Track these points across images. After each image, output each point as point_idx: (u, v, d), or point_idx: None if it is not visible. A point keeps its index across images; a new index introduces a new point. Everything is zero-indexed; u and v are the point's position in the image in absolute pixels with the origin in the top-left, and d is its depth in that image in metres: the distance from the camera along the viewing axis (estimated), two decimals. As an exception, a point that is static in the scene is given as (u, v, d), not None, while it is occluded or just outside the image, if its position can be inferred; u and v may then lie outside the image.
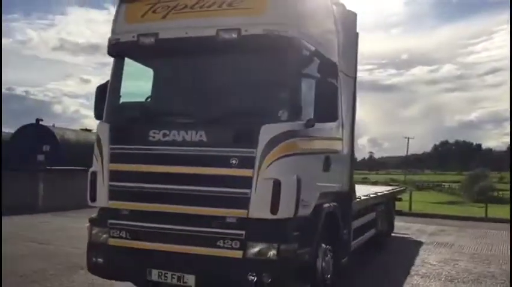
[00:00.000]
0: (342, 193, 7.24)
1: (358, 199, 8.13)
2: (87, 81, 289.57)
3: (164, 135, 5.53)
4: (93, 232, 5.91)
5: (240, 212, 5.26)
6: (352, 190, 7.71)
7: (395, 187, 14.80)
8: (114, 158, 5.77)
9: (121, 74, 6.14)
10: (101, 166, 5.82)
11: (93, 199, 5.87)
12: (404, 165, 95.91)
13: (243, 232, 5.25)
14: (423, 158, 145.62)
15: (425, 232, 14.93)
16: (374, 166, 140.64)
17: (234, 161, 5.29)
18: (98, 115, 6.16)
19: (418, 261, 9.95)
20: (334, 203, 6.62)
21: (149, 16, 5.87)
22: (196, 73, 5.92)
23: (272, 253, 5.22)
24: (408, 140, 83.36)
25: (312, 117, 5.56)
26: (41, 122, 19.66)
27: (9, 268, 7.75)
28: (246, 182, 5.22)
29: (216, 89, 5.86)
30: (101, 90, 6.23)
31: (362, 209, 8.68)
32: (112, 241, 5.75)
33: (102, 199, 5.81)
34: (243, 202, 5.24)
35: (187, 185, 5.45)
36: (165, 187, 5.53)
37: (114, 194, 5.76)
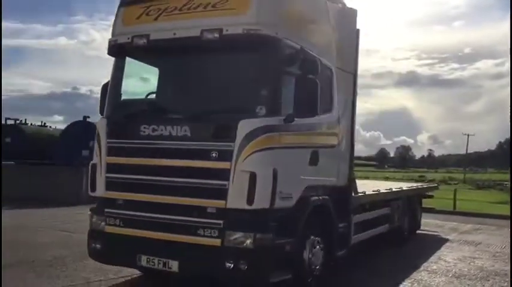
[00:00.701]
0: (339, 187, 7.38)
1: (359, 194, 8.21)
2: (146, 79, 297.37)
3: (153, 130, 5.91)
4: (93, 220, 6.37)
5: (219, 203, 5.55)
6: (352, 185, 7.82)
7: (421, 184, 14.58)
8: (110, 151, 6.20)
9: (121, 73, 6.58)
10: (99, 159, 6.27)
11: (93, 189, 6.34)
12: (464, 163, 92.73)
13: (221, 222, 5.54)
14: (486, 156, 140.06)
15: (457, 230, 14.67)
16: (433, 163, 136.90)
17: (214, 155, 5.60)
18: (101, 111, 6.64)
19: (433, 258, 9.85)
20: (325, 197, 6.79)
21: (143, 18, 6.26)
22: (183, 71, 6.30)
23: (248, 241, 5.48)
24: (468, 137, 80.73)
25: (292, 112, 5.78)
26: (88, 119, 20.69)
27: (32, 254, 8.39)
28: (225, 174, 5.51)
29: (201, 87, 6.21)
30: (105, 88, 6.70)
31: (368, 203, 8.76)
32: (108, 229, 6.20)
33: (100, 189, 6.26)
34: (222, 193, 5.53)
35: (172, 176, 5.81)
36: (153, 178, 5.92)
37: (110, 185, 6.19)
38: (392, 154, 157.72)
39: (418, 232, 13.20)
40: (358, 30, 7.83)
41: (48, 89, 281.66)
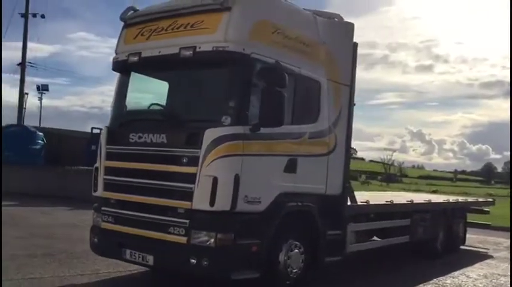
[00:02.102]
0: (330, 195, 7.62)
1: (360, 204, 8.36)
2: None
3: (139, 137, 6.63)
4: (93, 217, 7.21)
5: (186, 204, 6.12)
6: (347, 194, 8.00)
7: (464, 199, 14.02)
8: (108, 156, 7.01)
9: (123, 86, 7.39)
10: (99, 163, 7.11)
11: (95, 190, 7.18)
12: None
13: (188, 221, 6.10)
14: None
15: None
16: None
17: (184, 160, 6.19)
18: None
19: (457, 273, 9.60)
20: (308, 204, 7.10)
21: (138, 38, 7.04)
22: (165, 85, 6.96)
23: (211, 241, 5.98)
24: None
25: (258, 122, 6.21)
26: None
27: (68, 247, 9.44)
28: (192, 178, 6.07)
29: (179, 98, 6.87)
30: None
31: (373, 214, 8.84)
32: (103, 225, 6.99)
33: (100, 190, 7.08)
34: (189, 195, 6.09)
35: (151, 179, 6.47)
36: (136, 180, 6.62)
37: (106, 186, 7.00)
38: (499, 169, 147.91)
39: (462, 247, 12.84)
40: (355, 44, 8.03)
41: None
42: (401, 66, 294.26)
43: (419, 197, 12.08)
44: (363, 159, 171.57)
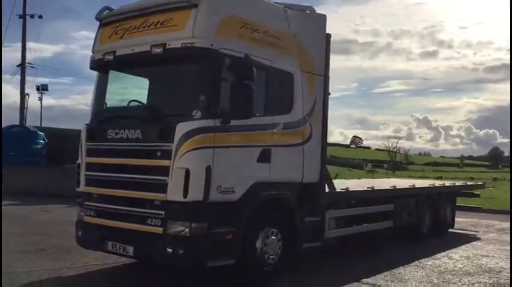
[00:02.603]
0: (307, 183, 7.84)
1: (341, 191, 8.60)
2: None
3: (116, 133, 6.87)
4: (78, 211, 7.49)
5: (161, 196, 6.37)
6: (324, 182, 8.22)
7: (451, 183, 14.21)
8: (88, 152, 7.27)
9: (101, 84, 7.63)
10: (81, 159, 7.37)
11: (78, 185, 7.44)
12: None
13: (163, 212, 6.35)
14: None
15: (503, 230, 14.13)
16: None
17: (158, 154, 6.43)
18: None
19: (440, 255, 9.83)
20: (284, 192, 7.34)
21: (112, 37, 7.27)
22: (139, 82, 7.20)
23: (185, 230, 6.23)
24: None
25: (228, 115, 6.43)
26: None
27: (60, 242, 9.72)
28: (165, 170, 6.31)
29: (152, 94, 7.10)
30: None
31: (354, 200, 9.08)
32: (86, 219, 7.27)
33: (82, 185, 7.35)
34: (163, 187, 6.34)
35: (128, 173, 6.72)
36: (115, 175, 6.88)
37: (88, 182, 7.26)
38: (507, 153, 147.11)
39: (452, 230, 13.05)
40: (328, 35, 8.22)
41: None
42: (405, 53, 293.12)
43: (405, 183, 12.27)
44: (369, 148, 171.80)
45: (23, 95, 32.25)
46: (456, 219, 14.94)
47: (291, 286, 7.19)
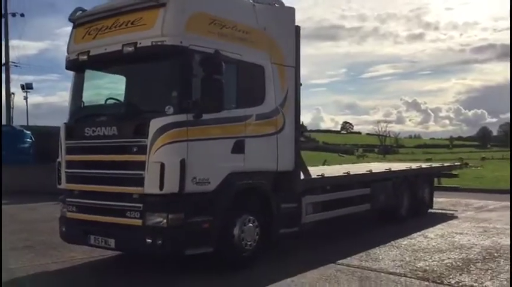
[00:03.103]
0: (283, 172, 8.15)
1: (315, 177, 8.93)
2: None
3: (93, 131, 7.12)
4: (60, 207, 7.74)
5: (139, 190, 6.64)
6: (299, 169, 8.53)
7: (429, 165, 14.61)
8: (67, 150, 7.51)
9: (78, 83, 7.86)
10: (61, 157, 7.61)
11: (59, 183, 7.69)
12: None
13: (141, 205, 6.63)
14: None
15: (481, 208, 14.59)
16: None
17: (134, 149, 6.70)
18: None
19: (416, 234, 10.17)
20: (259, 181, 7.65)
21: (86, 37, 7.49)
22: (113, 79, 7.45)
23: (163, 221, 6.52)
24: None
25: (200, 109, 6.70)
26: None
27: (47, 239, 9.93)
28: (142, 165, 6.58)
29: (126, 92, 7.37)
30: None
31: (329, 185, 9.40)
32: (68, 214, 7.54)
33: (63, 182, 7.60)
34: (140, 181, 6.61)
35: (107, 169, 6.99)
36: (93, 171, 7.16)
37: (68, 179, 7.52)
38: (495, 133, 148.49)
39: (432, 211, 13.45)
40: (298, 27, 8.49)
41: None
42: (392, 37, 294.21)
43: (382, 167, 12.62)
44: (359, 133, 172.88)
45: (8, 95, 32.32)
46: (437, 199, 15.44)
47: (267, 268, 7.44)
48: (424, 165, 13.96)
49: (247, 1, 7.97)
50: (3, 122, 29.63)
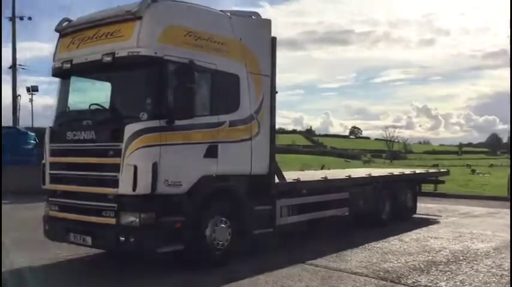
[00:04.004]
0: (257, 175, 8.57)
1: (290, 181, 9.33)
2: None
3: (74, 135, 7.59)
4: (45, 207, 8.21)
5: (114, 191, 7.09)
6: (274, 173, 8.93)
7: (412, 171, 14.94)
8: (51, 153, 7.99)
9: (62, 90, 8.33)
10: (45, 159, 8.09)
11: (44, 183, 8.16)
12: None
13: (116, 205, 7.07)
14: None
15: (467, 214, 14.90)
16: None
17: (110, 153, 7.15)
18: None
19: (393, 238, 10.53)
20: (232, 184, 8.08)
21: (70, 47, 7.96)
22: (93, 87, 7.93)
23: (136, 220, 6.96)
24: None
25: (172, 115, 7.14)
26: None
27: (36, 236, 10.35)
28: (117, 167, 7.03)
29: (104, 99, 7.83)
30: None
31: (306, 189, 9.79)
32: (51, 213, 8.02)
33: (47, 183, 8.07)
34: (115, 183, 7.06)
35: (85, 171, 7.45)
36: (73, 173, 7.64)
37: (52, 179, 7.99)
38: (505, 139, 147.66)
39: (416, 216, 13.79)
40: (273, 38, 8.92)
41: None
42: (403, 42, 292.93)
43: (362, 172, 12.97)
44: (368, 138, 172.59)
45: (15, 97, 33.05)
46: (427, 205, 15.79)
47: (238, 266, 7.81)
48: (407, 171, 14.29)
49: (223, 14, 8.41)
50: (10, 123, 30.35)
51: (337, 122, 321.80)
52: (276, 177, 9.08)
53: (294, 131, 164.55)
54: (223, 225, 7.86)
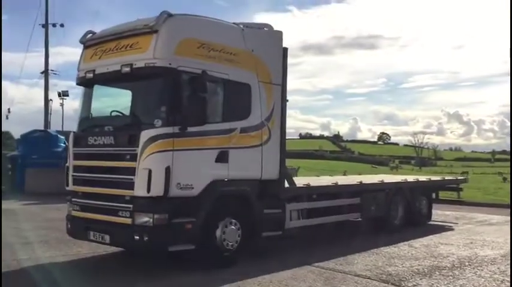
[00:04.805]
0: (267, 180, 8.96)
1: (300, 186, 9.69)
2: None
3: (95, 140, 8.12)
4: (68, 207, 8.77)
5: (130, 192, 7.58)
6: (284, 178, 9.30)
7: (427, 178, 15.04)
8: (74, 156, 8.54)
9: (86, 97, 8.90)
10: (69, 162, 8.65)
11: (67, 185, 8.72)
12: None
13: (131, 206, 7.56)
14: None
15: (483, 222, 14.96)
16: None
17: (127, 157, 7.64)
18: None
19: (403, 243, 10.73)
20: (243, 188, 8.49)
21: (93, 58, 8.52)
22: (114, 96, 8.45)
23: (149, 221, 7.42)
24: None
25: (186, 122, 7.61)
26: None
27: (62, 235, 11.00)
28: (132, 171, 7.52)
29: (123, 107, 8.34)
30: None
31: (315, 194, 10.12)
32: (73, 213, 8.56)
33: (70, 185, 8.63)
34: (131, 185, 7.54)
35: (104, 173, 7.97)
36: (93, 175, 8.16)
37: (74, 181, 8.54)
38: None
39: (431, 223, 13.94)
40: (285, 49, 9.31)
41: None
42: (433, 47, 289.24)
43: (376, 178, 13.20)
44: (397, 144, 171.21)
45: (47, 101, 34.21)
46: (443, 212, 15.90)
47: (247, 267, 8.16)
48: (421, 178, 14.44)
49: (235, 26, 8.85)
50: (42, 127, 31.47)
51: (365, 127, 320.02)
52: (286, 182, 9.43)
53: (321, 137, 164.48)
54: (233, 227, 8.26)
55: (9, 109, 39.11)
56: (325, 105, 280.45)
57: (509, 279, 7.77)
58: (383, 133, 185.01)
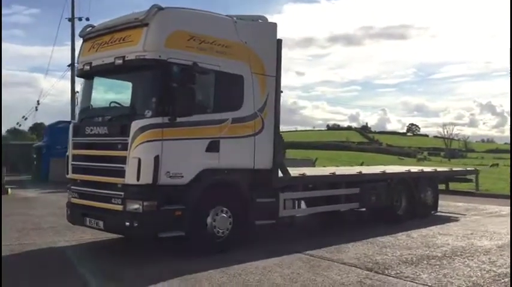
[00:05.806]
0: (260, 169, 9.15)
1: (294, 176, 9.84)
2: (301, 73, 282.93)
3: (91, 130, 8.45)
4: (68, 194, 9.14)
5: (121, 180, 7.88)
6: (277, 168, 9.46)
7: (433, 169, 14.93)
8: (73, 146, 8.90)
9: (86, 89, 9.24)
10: (69, 151, 9.01)
11: (67, 173, 9.09)
12: None
13: (123, 193, 7.86)
14: None
15: (492, 213, 14.82)
16: None
17: (119, 146, 7.94)
18: None
19: (401, 233, 10.76)
20: (233, 177, 8.69)
21: (90, 51, 8.83)
22: (111, 88, 8.76)
23: (139, 207, 7.71)
24: None
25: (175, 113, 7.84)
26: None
27: (60, 222, 11.37)
28: (124, 160, 7.81)
29: (119, 98, 8.65)
30: None
31: (311, 184, 10.26)
32: (72, 200, 8.93)
33: (70, 173, 8.99)
34: (122, 173, 7.84)
35: (98, 162, 8.29)
36: (89, 164, 8.51)
37: (73, 170, 8.90)
38: None
39: (438, 213, 13.91)
40: (279, 40, 9.43)
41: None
42: (464, 36, 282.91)
43: (377, 169, 13.21)
44: (426, 135, 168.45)
45: (73, 93, 34.98)
46: (455, 203, 15.82)
47: (237, 253, 8.34)
48: (426, 169, 14.38)
49: (228, 18, 9.02)
50: (69, 118, 32.26)
51: (394, 118, 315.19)
52: (280, 171, 9.59)
53: (349, 128, 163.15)
54: (224, 215, 8.49)
55: (38, 101, 40.16)
56: (354, 97, 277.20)
57: (496, 269, 7.79)
58: (412, 124, 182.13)
